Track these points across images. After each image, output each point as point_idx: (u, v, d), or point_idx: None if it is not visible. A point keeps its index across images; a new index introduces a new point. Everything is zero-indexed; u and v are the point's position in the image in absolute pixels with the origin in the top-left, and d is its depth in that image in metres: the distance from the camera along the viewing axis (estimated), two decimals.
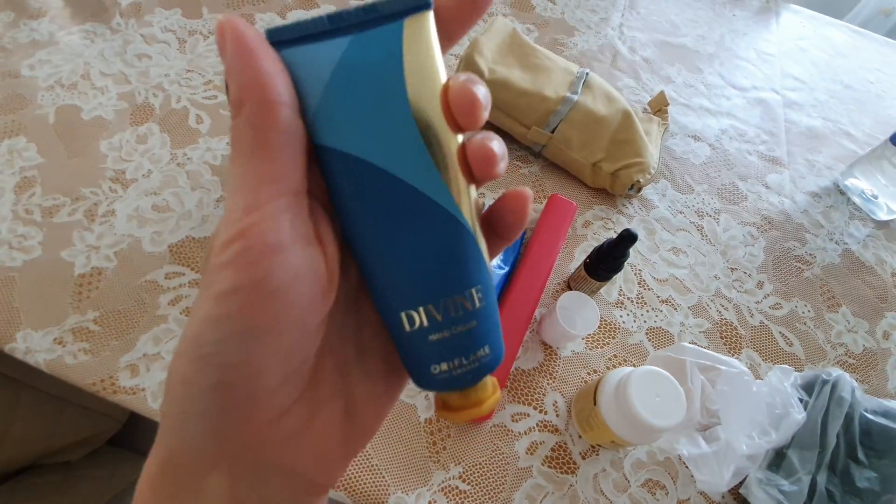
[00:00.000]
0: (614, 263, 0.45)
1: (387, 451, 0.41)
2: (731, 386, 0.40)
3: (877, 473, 0.41)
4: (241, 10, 0.69)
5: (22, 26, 0.63)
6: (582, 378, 0.47)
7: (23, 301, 0.44)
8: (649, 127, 0.62)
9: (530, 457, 0.42)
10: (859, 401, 0.43)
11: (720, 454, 0.39)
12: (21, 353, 0.42)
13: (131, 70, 0.61)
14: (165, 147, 0.55)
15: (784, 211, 0.62)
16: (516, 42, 0.61)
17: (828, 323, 0.54)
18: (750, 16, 0.88)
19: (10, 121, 0.54)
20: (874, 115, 0.77)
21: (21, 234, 0.47)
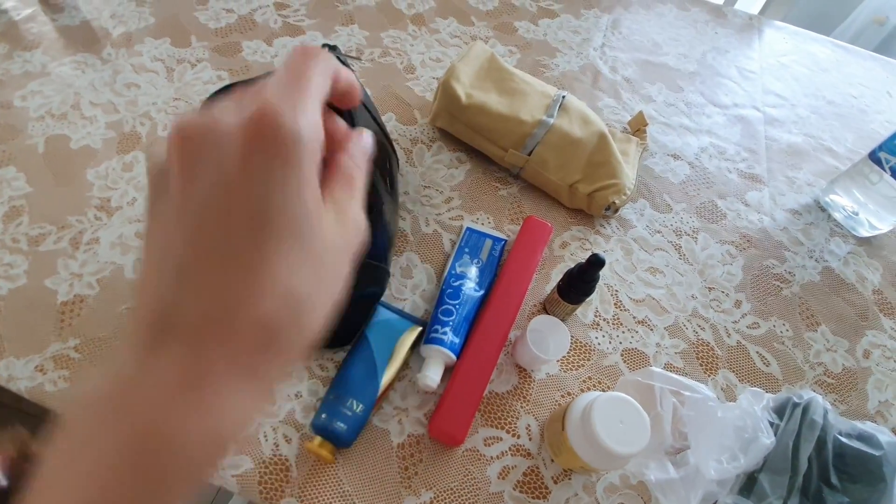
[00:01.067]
0: (585, 287, 0.46)
1: (358, 476, 0.41)
2: (695, 411, 0.40)
3: (849, 498, 0.41)
4: (228, 38, 0.71)
5: (16, 58, 0.65)
6: (556, 401, 0.47)
7: (7, 329, 0.45)
8: (627, 147, 0.63)
9: (502, 481, 0.42)
10: (832, 423, 0.43)
11: (688, 479, 0.39)
12: (3, 380, 0.43)
13: (120, 99, 0.62)
14: None
15: (763, 229, 0.63)
16: (494, 67, 0.62)
17: (806, 342, 0.54)
18: (732, 33, 0.89)
19: (0, 151, 0.56)
20: (857, 130, 0.78)
21: (7, 263, 0.49)
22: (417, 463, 0.42)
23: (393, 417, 0.44)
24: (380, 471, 0.42)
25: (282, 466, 0.41)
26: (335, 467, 0.41)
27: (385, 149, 0.49)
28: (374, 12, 0.79)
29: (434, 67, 0.73)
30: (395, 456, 0.42)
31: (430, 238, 0.55)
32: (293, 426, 0.43)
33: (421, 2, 0.82)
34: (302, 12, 0.77)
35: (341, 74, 0.20)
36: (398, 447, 0.43)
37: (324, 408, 0.41)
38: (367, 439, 0.43)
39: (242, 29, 0.73)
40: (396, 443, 0.43)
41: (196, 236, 0.16)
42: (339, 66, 0.20)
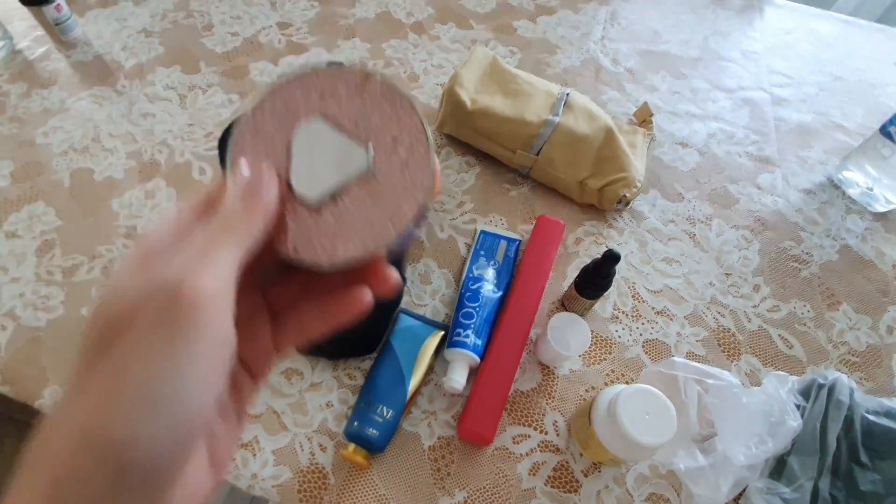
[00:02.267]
0: (602, 282, 0.47)
1: (393, 479, 0.42)
2: (720, 398, 0.41)
3: (880, 475, 0.41)
4: (235, 61, 0.73)
5: (34, 96, 0.68)
6: (580, 396, 0.48)
7: (48, 359, 0.47)
8: (634, 139, 0.63)
9: (533, 478, 0.43)
10: (859, 402, 0.43)
11: (717, 466, 0.40)
12: (49, 408, 0.45)
13: (137, 129, 0.65)
14: (172, 200, 0.58)
15: (778, 211, 0.63)
16: (497, 70, 0.63)
17: (828, 322, 0.54)
18: (733, 15, 0.89)
19: (28, 187, 0.59)
20: (866, 104, 0.77)
21: (44, 295, 0.51)
22: (449, 464, 0.43)
23: (422, 421, 0.45)
24: (413, 473, 0.43)
25: (319, 474, 0.42)
26: (370, 472, 0.43)
27: None
28: (374, 24, 0.81)
29: (437, 74, 0.74)
30: (426, 458, 0.44)
31: (445, 243, 0.56)
32: (327, 435, 0.44)
33: (420, 10, 0.83)
34: (304, 30, 0.79)
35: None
36: (429, 449, 0.44)
37: (355, 415, 0.43)
38: (398, 444, 0.44)
39: (248, 51, 0.75)
40: (427, 445, 0.44)
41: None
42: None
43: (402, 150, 0.20)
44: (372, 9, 0.83)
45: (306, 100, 0.20)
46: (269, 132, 0.20)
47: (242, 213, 0.18)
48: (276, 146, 0.20)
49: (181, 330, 0.15)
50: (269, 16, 0.81)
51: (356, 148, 0.20)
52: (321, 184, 0.19)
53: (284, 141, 0.20)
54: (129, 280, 0.16)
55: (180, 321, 0.15)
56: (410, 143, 0.20)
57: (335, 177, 0.19)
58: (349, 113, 0.20)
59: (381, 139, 0.20)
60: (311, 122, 0.20)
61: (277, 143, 0.20)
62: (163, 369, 0.15)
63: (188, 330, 0.15)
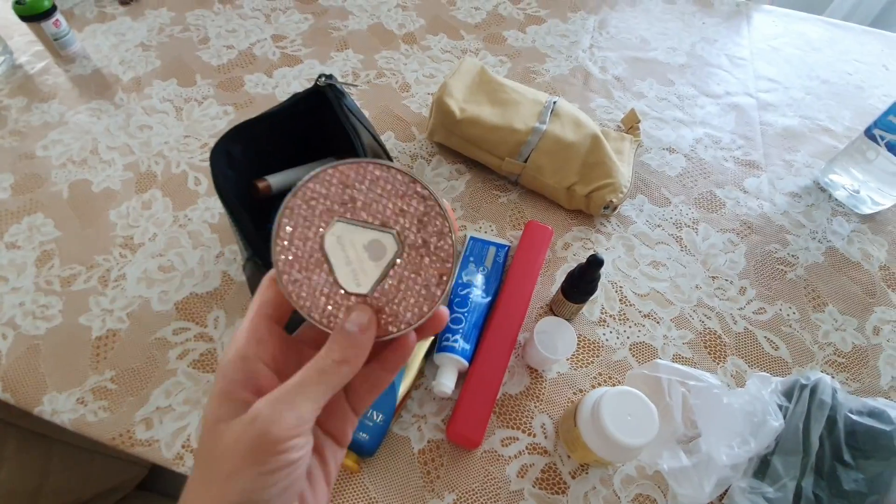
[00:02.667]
0: (587, 286, 0.47)
1: (383, 483, 0.43)
2: (702, 399, 0.41)
3: (863, 474, 0.41)
4: (230, 73, 0.75)
5: (34, 110, 0.70)
6: (568, 398, 0.49)
7: (47, 366, 0.48)
8: (621, 145, 0.64)
9: (521, 480, 0.44)
10: (842, 402, 0.44)
11: (701, 466, 0.40)
12: (48, 414, 0.46)
13: (134, 141, 0.66)
14: (168, 210, 0.59)
15: (763, 214, 0.64)
16: (485, 80, 0.64)
17: (814, 323, 0.55)
18: (720, 22, 0.90)
19: (28, 199, 0.60)
20: (854, 107, 0.78)
21: (43, 304, 0.52)
22: (439, 467, 0.44)
23: (412, 425, 0.46)
24: (403, 476, 0.44)
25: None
26: (360, 476, 0.43)
27: None
28: (367, 35, 0.82)
29: (428, 84, 0.75)
30: (416, 461, 0.44)
31: None
32: None
33: (411, 21, 0.85)
34: (298, 42, 0.80)
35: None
36: (419, 453, 0.45)
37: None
38: (389, 447, 0.45)
39: (243, 63, 0.77)
40: (417, 449, 0.45)
41: None
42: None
43: (421, 223, 0.22)
44: (364, 21, 0.85)
45: (324, 201, 0.22)
46: (303, 243, 0.22)
47: (339, 367, 0.20)
48: (312, 253, 0.22)
49: (267, 468, 0.18)
50: (263, 29, 0.82)
51: (384, 236, 0.22)
52: (367, 278, 0.22)
53: (317, 247, 0.22)
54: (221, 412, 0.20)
55: (269, 464, 0.18)
56: (425, 212, 0.22)
57: (376, 268, 0.22)
58: (363, 204, 0.22)
59: (399, 219, 0.22)
60: (334, 227, 0.22)
61: (313, 251, 0.22)
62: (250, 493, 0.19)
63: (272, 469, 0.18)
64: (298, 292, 0.22)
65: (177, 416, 0.46)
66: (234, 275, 0.55)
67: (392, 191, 0.22)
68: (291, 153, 0.53)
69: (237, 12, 0.85)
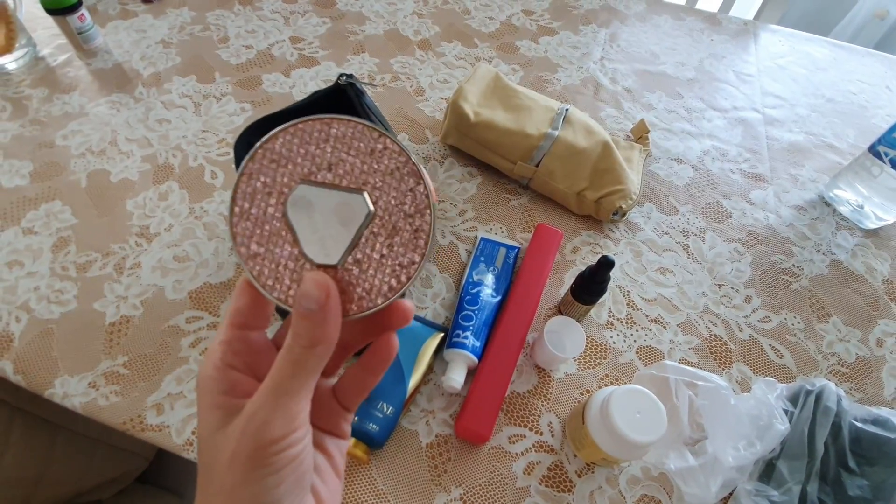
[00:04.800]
0: (597, 288, 0.48)
1: (391, 475, 0.43)
2: (709, 400, 0.42)
3: (868, 481, 0.42)
4: (249, 72, 0.76)
5: (55, 101, 0.71)
6: (575, 398, 0.49)
7: (60, 350, 0.49)
8: (630, 154, 0.66)
9: (528, 477, 0.44)
10: (846, 410, 0.44)
11: (707, 467, 0.41)
12: (59, 397, 0.46)
13: (153, 134, 0.67)
14: (184, 202, 0.60)
15: (769, 226, 0.65)
16: (499, 85, 0.66)
17: (818, 333, 0.56)
18: (728, 39, 0.92)
19: (46, 187, 0.61)
20: (858, 125, 0.79)
21: (58, 289, 0.53)
22: (446, 461, 0.45)
23: (421, 419, 0.46)
24: (411, 469, 0.44)
25: None
26: (369, 467, 0.44)
27: None
28: (383, 40, 0.84)
29: (442, 88, 0.77)
30: (424, 455, 0.45)
31: (447, 249, 0.58)
32: None
33: (426, 28, 0.87)
34: (316, 44, 0.82)
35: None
36: (427, 447, 0.45)
37: (356, 410, 0.44)
38: (397, 440, 0.45)
39: (262, 63, 0.78)
40: (425, 443, 0.45)
41: None
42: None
43: (393, 180, 0.20)
44: (381, 26, 0.87)
45: (285, 164, 0.19)
46: (262, 210, 0.19)
47: (310, 351, 0.19)
48: (273, 223, 0.19)
49: (271, 469, 0.18)
50: (282, 30, 0.84)
51: (353, 198, 0.19)
52: (336, 246, 0.19)
53: (279, 214, 0.19)
54: (214, 422, 0.20)
55: (272, 465, 0.18)
56: (395, 168, 0.19)
57: (346, 234, 0.19)
58: (328, 165, 0.19)
59: (368, 178, 0.19)
60: (297, 191, 0.19)
61: (273, 219, 0.19)
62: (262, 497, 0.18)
63: (276, 468, 0.18)
64: (260, 269, 0.19)
65: (188, 403, 0.46)
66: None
67: (360, 148, 0.19)
68: None
69: (257, 14, 0.87)
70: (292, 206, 0.19)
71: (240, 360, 0.21)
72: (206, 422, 0.20)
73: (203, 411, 0.20)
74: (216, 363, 0.20)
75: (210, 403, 0.20)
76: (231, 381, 0.20)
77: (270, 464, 0.18)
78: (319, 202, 0.19)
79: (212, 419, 0.20)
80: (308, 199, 0.19)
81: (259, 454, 0.18)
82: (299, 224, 0.19)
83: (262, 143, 0.19)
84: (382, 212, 0.19)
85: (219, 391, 0.20)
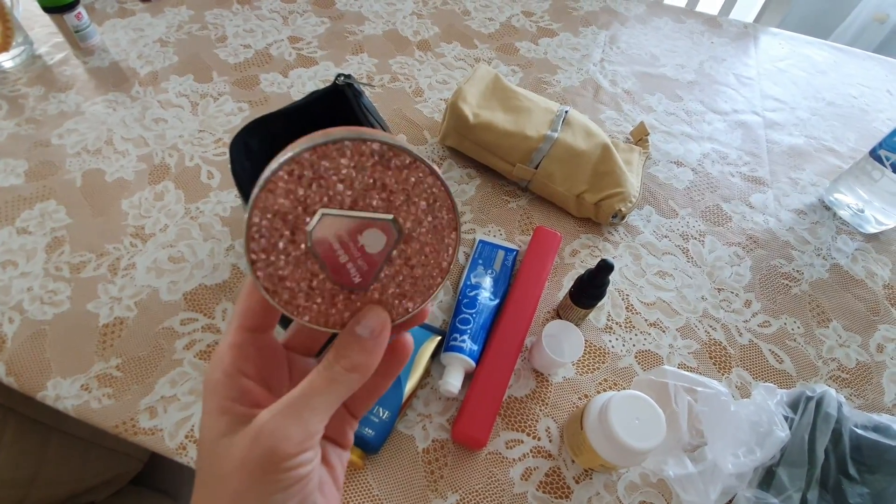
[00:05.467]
0: (596, 291, 0.48)
1: (387, 480, 0.43)
2: (709, 406, 0.41)
3: (868, 489, 0.41)
4: (247, 72, 0.76)
5: (51, 99, 0.70)
6: (573, 403, 0.49)
7: (53, 351, 0.48)
8: (630, 157, 0.65)
9: (525, 483, 0.44)
10: (847, 416, 0.44)
11: (706, 474, 0.40)
12: (51, 400, 0.46)
13: (149, 133, 0.67)
14: (180, 202, 0.60)
15: (769, 229, 0.64)
16: (498, 87, 0.65)
17: (818, 338, 0.55)
18: (728, 42, 0.92)
19: (41, 186, 0.60)
20: (858, 129, 0.79)
21: (52, 290, 0.52)
22: (443, 466, 0.44)
23: (417, 424, 0.46)
24: (407, 475, 0.43)
25: None
26: (365, 472, 0.43)
27: None
28: (382, 41, 0.84)
29: (441, 90, 0.76)
30: (420, 460, 0.44)
31: None
32: None
33: (426, 29, 0.87)
34: (314, 44, 0.82)
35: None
36: (423, 452, 0.45)
37: None
38: (393, 445, 0.45)
39: (260, 63, 0.78)
40: (422, 448, 0.45)
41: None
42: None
43: (422, 201, 0.19)
44: (380, 26, 0.86)
45: (308, 189, 0.18)
46: (284, 239, 0.18)
47: (349, 375, 0.19)
48: (296, 250, 0.19)
49: (278, 486, 0.18)
50: (280, 30, 0.84)
51: (377, 221, 0.19)
52: (364, 270, 0.19)
53: (301, 242, 0.19)
54: (221, 427, 0.19)
55: (279, 482, 0.18)
56: (425, 190, 0.19)
57: (373, 258, 0.19)
58: (352, 186, 0.18)
59: (395, 199, 0.19)
60: (320, 217, 0.18)
61: (294, 246, 0.19)
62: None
63: (283, 486, 0.18)
64: (285, 296, 0.19)
65: (181, 406, 0.46)
66: (244, 268, 0.55)
67: (378, 166, 0.18)
68: None
69: (255, 13, 0.87)
70: (316, 234, 0.18)
71: (250, 364, 0.20)
72: (211, 426, 0.19)
73: (209, 415, 0.20)
74: (226, 368, 0.20)
75: (217, 408, 0.19)
76: (241, 389, 0.20)
77: (279, 480, 0.18)
78: (343, 227, 0.19)
79: (218, 424, 0.19)
80: (331, 225, 0.18)
81: (271, 466, 0.17)
82: (324, 250, 0.19)
83: (276, 172, 0.18)
84: (408, 230, 0.19)
85: (227, 397, 0.19)
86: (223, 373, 0.20)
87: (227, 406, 0.19)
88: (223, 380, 0.20)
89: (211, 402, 0.20)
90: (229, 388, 0.20)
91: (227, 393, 0.19)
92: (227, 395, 0.19)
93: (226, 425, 0.19)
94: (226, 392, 0.19)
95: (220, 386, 0.20)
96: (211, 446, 0.19)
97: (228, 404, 0.19)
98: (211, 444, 0.19)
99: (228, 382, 0.20)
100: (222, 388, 0.20)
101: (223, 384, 0.20)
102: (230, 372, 0.20)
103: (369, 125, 0.47)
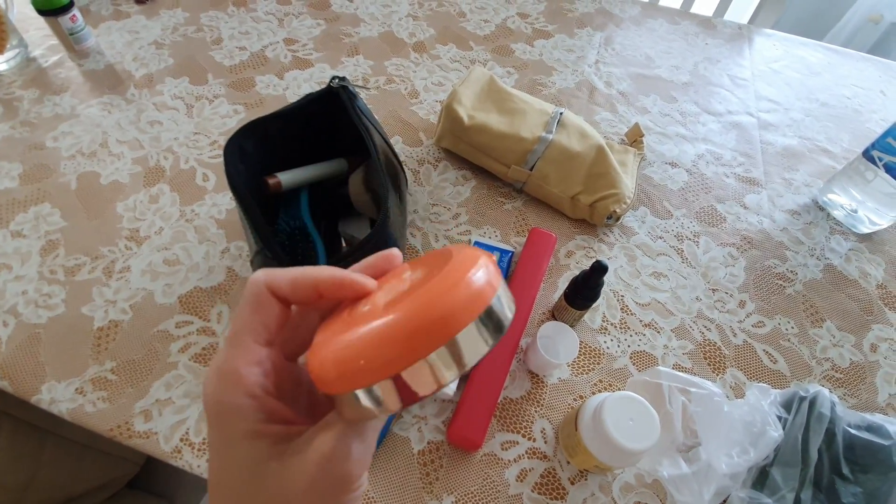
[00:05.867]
0: (590, 293, 0.48)
1: (382, 483, 0.43)
2: (703, 407, 0.42)
3: (862, 488, 0.42)
4: (242, 74, 0.76)
5: (46, 102, 0.70)
6: (568, 404, 0.49)
7: (47, 355, 0.48)
8: (625, 158, 0.65)
9: (520, 484, 0.44)
10: (840, 416, 0.44)
11: (700, 474, 0.40)
12: (46, 403, 0.46)
13: (144, 136, 0.67)
14: (175, 205, 0.60)
15: (763, 230, 0.65)
16: (493, 88, 0.65)
17: (812, 338, 0.55)
18: (722, 43, 0.92)
19: (35, 189, 0.60)
20: (852, 130, 0.80)
21: (46, 293, 0.52)
22: (438, 468, 0.44)
23: (413, 426, 0.46)
24: (402, 477, 0.43)
25: None
26: None
27: (394, 167, 0.52)
28: (378, 42, 0.84)
29: (436, 91, 0.76)
30: (416, 462, 0.44)
31: None
32: None
33: (421, 30, 0.87)
34: (310, 46, 0.82)
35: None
36: (419, 454, 0.45)
37: None
38: (389, 447, 0.45)
39: (255, 65, 0.78)
40: (417, 450, 0.45)
41: None
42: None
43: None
44: (376, 28, 0.87)
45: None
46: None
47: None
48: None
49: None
50: (276, 32, 0.84)
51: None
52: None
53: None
54: (262, 451, 0.19)
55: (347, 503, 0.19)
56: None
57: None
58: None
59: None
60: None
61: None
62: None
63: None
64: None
65: (176, 409, 0.46)
66: (239, 270, 0.55)
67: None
68: (302, 151, 0.53)
69: (251, 15, 0.87)
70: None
71: (269, 381, 0.20)
72: (245, 452, 0.18)
73: (238, 441, 0.19)
74: (250, 389, 0.19)
75: (250, 433, 0.18)
76: (269, 409, 0.19)
77: (350, 500, 0.18)
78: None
79: (255, 449, 0.18)
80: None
81: (345, 488, 0.18)
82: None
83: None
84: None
85: (258, 420, 0.19)
86: (247, 394, 0.19)
87: (261, 429, 0.19)
88: (250, 402, 0.19)
89: (236, 427, 0.19)
90: (257, 410, 0.19)
91: (256, 416, 0.19)
92: (256, 417, 0.19)
93: (267, 449, 0.18)
94: (255, 415, 0.19)
95: (247, 410, 0.19)
96: (252, 472, 0.18)
97: (262, 427, 0.19)
98: (251, 470, 0.18)
99: (256, 405, 0.19)
100: (249, 412, 0.19)
101: (250, 407, 0.19)
102: (255, 393, 0.19)
103: (364, 128, 0.48)
